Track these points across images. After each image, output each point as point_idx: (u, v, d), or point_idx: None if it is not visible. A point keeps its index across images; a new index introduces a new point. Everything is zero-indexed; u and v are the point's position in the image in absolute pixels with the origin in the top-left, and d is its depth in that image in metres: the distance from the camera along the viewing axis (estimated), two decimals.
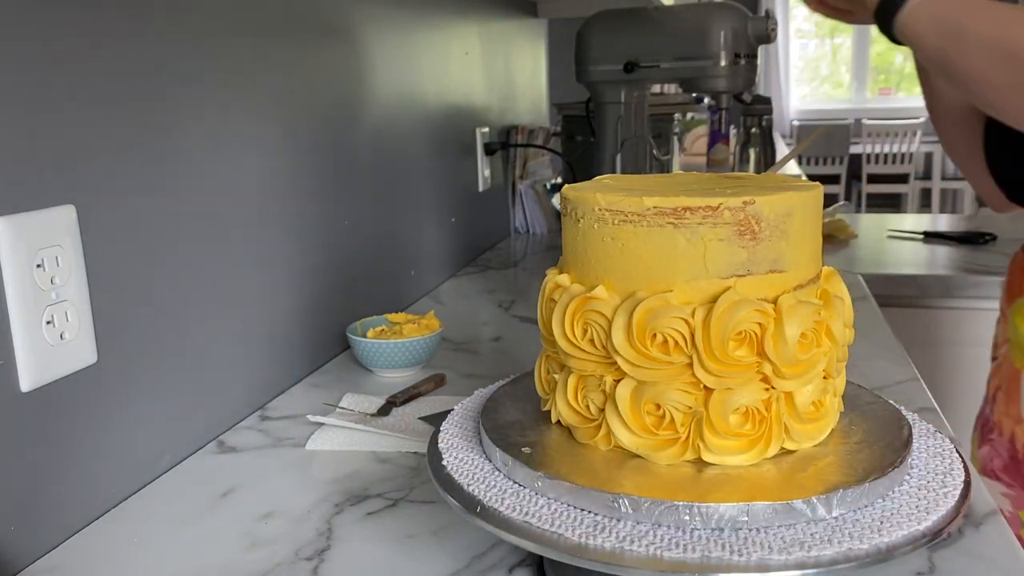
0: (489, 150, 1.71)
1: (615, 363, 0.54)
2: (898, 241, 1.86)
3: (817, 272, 0.57)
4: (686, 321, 0.52)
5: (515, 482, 0.55)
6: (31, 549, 0.63)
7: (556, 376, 0.59)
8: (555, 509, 0.52)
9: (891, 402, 0.64)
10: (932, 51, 0.90)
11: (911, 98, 6.90)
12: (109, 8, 0.70)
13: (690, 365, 0.52)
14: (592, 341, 0.55)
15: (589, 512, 0.51)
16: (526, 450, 0.56)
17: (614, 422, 0.55)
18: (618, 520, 0.50)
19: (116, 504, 0.72)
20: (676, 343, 0.52)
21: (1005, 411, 1.06)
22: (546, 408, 0.61)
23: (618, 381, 0.54)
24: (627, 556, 0.47)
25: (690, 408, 0.53)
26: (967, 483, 0.54)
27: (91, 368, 0.68)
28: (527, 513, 0.51)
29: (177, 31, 0.78)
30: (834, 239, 1.82)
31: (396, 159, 1.28)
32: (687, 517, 0.49)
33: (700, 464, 0.54)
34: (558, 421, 0.60)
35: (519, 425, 0.61)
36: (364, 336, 1.03)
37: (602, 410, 0.56)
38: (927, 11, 0.90)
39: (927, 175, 6.29)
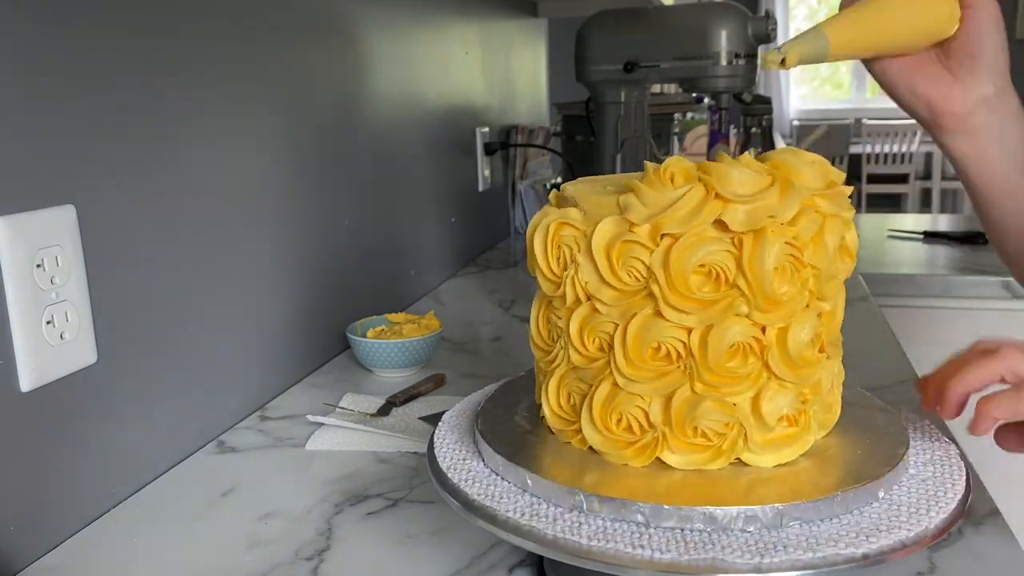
0: (489, 150, 1.71)
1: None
2: (898, 241, 1.86)
3: None
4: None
5: (512, 482, 0.55)
6: (31, 549, 0.63)
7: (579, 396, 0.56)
8: (554, 510, 0.52)
9: (888, 403, 0.64)
10: None
11: None
12: (109, 8, 0.70)
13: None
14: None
15: (592, 514, 0.51)
16: (521, 450, 0.56)
17: (669, 436, 0.53)
18: (616, 520, 0.50)
19: (116, 504, 0.72)
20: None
21: None
22: (565, 439, 0.58)
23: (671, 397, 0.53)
24: (626, 557, 0.47)
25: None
26: (967, 483, 0.54)
27: (91, 368, 0.68)
28: (526, 513, 0.51)
29: (177, 31, 0.78)
30: None
31: (396, 159, 1.28)
32: (684, 518, 0.49)
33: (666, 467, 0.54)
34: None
35: (517, 424, 0.61)
36: (364, 336, 1.03)
37: (643, 427, 0.54)
38: None
39: (927, 175, 6.29)
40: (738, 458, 0.54)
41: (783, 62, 0.64)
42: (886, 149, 6.17)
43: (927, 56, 0.69)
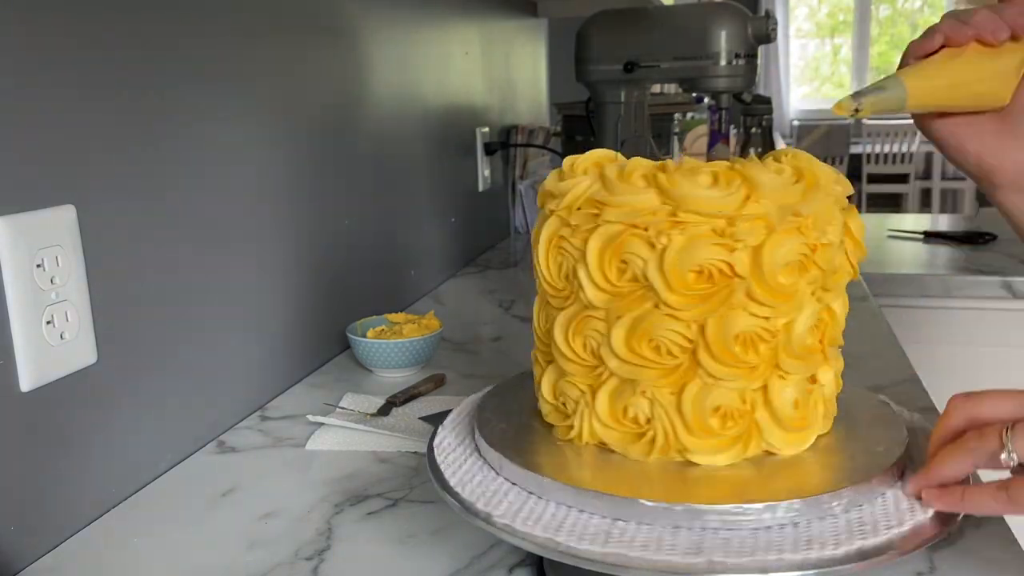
0: (489, 150, 1.71)
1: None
2: (898, 241, 1.86)
3: None
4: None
5: (512, 482, 0.55)
6: (31, 549, 0.63)
7: (579, 394, 0.57)
8: (554, 508, 0.52)
9: (889, 402, 0.64)
10: None
11: None
12: (108, 8, 0.70)
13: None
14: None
15: (588, 512, 0.51)
16: (520, 450, 0.56)
17: (680, 429, 0.53)
18: (616, 520, 0.50)
19: (116, 504, 0.72)
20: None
21: None
22: (568, 436, 0.58)
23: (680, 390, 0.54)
24: (626, 557, 0.47)
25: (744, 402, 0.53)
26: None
27: (91, 368, 0.68)
28: (526, 513, 0.51)
29: (177, 31, 0.78)
30: None
31: (396, 159, 1.28)
32: (685, 518, 0.49)
33: (696, 464, 0.54)
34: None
35: (516, 424, 0.61)
36: (364, 336, 1.03)
37: (649, 419, 0.54)
38: None
39: (927, 175, 6.28)
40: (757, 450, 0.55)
41: (857, 111, 0.61)
42: (886, 149, 6.17)
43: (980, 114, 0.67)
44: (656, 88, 2.28)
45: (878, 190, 6.19)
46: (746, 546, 0.47)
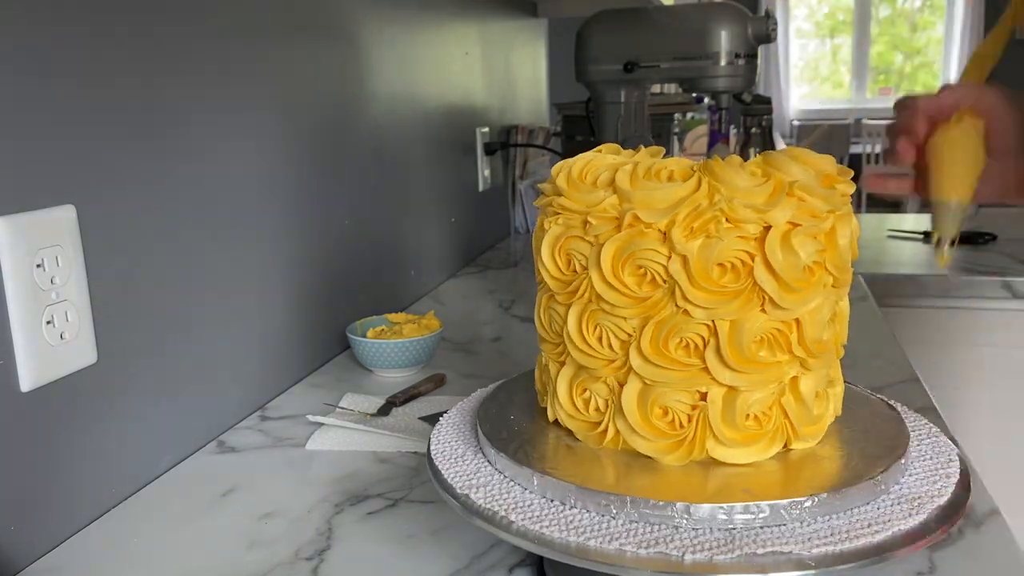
0: (489, 150, 1.71)
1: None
2: (898, 241, 1.86)
3: None
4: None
5: (513, 481, 0.55)
6: (31, 549, 0.64)
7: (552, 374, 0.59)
8: (554, 508, 0.52)
9: (889, 401, 0.64)
10: None
11: None
12: (109, 8, 0.70)
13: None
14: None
15: (588, 512, 0.51)
16: (521, 449, 0.56)
17: (622, 426, 0.55)
18: (616, 519, 0.50)
19: (117, 504, 0.72)
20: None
21: None
22: (544, 403, 0.61)
23: (623, 385, 0.54)
24: (626, 556, 0.47)
25: (695, 407, 0.53)
26: (967, 483, 0.54)
27: (91, 368, 0.68)
28: (525, 513, 0.51)
29: (177, 31, 0.78)
30: None
31: (396, 159, 1.28)
32: (686, 517, 0.49)
33: (699, 464, 0.54)
34: (555, 420, 0.60)
35: (516, 424, 0.61)
36: (364, 336, 1.03)
37: (599, 410, 0.56)
38: None
39: None
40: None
41: (952, 243, 0.71)
42: None
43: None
44: (656, 88, 2.28)
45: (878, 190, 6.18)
46: (747, 544, 0.47)
